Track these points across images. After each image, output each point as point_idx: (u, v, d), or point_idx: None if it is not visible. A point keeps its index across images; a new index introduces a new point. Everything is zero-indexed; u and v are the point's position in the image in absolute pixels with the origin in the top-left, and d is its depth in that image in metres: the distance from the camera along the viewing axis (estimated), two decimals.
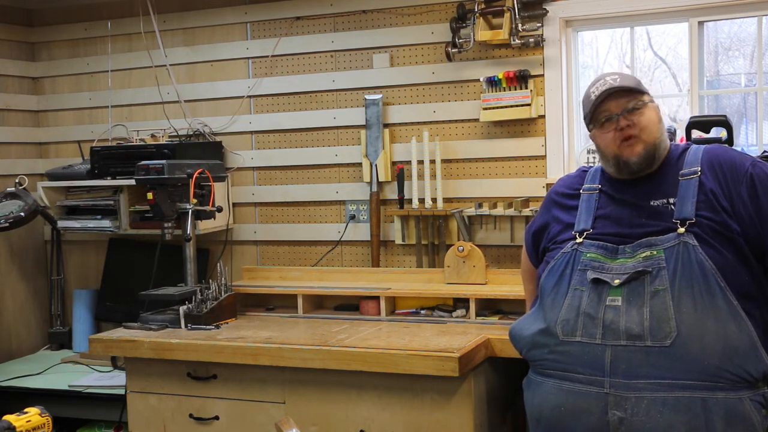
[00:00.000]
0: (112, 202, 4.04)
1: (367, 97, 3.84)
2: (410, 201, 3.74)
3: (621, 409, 2.11)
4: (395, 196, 3.78)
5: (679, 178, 2.25)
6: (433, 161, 3.67)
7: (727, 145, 2.62)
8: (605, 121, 2.27)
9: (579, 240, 2.30)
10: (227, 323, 3.34)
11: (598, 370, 2.15)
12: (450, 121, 3.73)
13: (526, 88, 3.52)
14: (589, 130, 2.36)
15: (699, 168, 2.24)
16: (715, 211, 2.17)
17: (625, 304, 2.15)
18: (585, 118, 2.36)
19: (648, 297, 2.13)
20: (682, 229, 2.16)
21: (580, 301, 2.21)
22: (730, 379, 2.06)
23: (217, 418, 3.09)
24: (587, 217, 2.33)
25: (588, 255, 2.26)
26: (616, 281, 2.18)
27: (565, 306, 2.24)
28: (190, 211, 3.41)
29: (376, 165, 3.81)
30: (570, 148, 3.61)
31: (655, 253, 2.16)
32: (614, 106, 2.26)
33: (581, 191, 2.40)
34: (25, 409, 1.78)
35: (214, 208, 3.49)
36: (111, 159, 3.97)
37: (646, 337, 2.10)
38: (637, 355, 2.11)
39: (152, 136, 4.07)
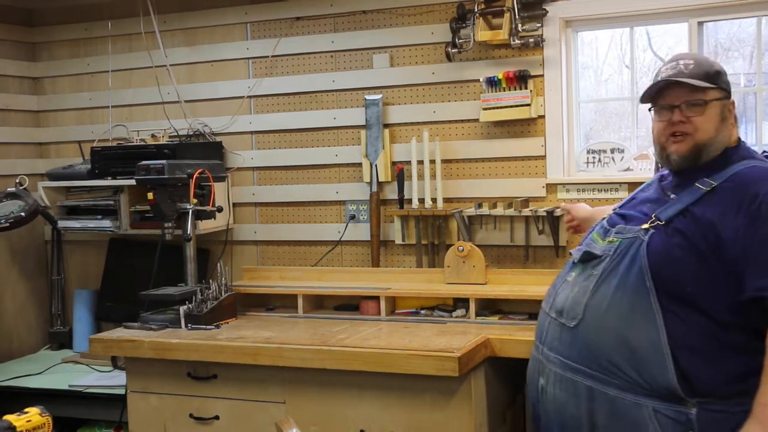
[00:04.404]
0: (112, 202, 4.04)
1: (367, 97, 3.84)
2: (410, 201, 3.74)
3: (544, 376, 2.19)
4: (395, 196, 3.78)
5: (695, 183, 2.10)
6: (433, 161, 3.67)
7: None
8: (662, 108, 2.15)
9: (606, 216, 2.33)
10: (227, 323, 3.34)
11: (539, 338, 2.25)
12: (450, 121, 3.73)
13: (526, 88, 3.52)
14: (648, 108, 2.22)
15: (713, 185, 2.07)
16: (692, 235, 2.01)
17: (572, 282, 2.20)
18: (643, 95, 2.19)
19: (582, 278, 2.17)
20: (646, 225, 2.11)
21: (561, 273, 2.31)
22: (625, 379, 2.01)
23: (217, 418, 3.09)
24: (627, 197, 2.38)
25: (593, 233, 2.29)
26: (576, 259, 2.24)
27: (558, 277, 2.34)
28: (190, 211, 3.41)
29: (376, 165, 3.82)
30: (570, 148, 3.61)
31: (614, 240, 2.16)
32: (675, 96, 2.12)
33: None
34: (25, 409, 1.78)
35: (214, 208, 3.49)
36: (111, 159, 3.98)
37: (564, 314, 2.16)
38: (557, 329, 2.18)
39: (152, 136, 4.07)
